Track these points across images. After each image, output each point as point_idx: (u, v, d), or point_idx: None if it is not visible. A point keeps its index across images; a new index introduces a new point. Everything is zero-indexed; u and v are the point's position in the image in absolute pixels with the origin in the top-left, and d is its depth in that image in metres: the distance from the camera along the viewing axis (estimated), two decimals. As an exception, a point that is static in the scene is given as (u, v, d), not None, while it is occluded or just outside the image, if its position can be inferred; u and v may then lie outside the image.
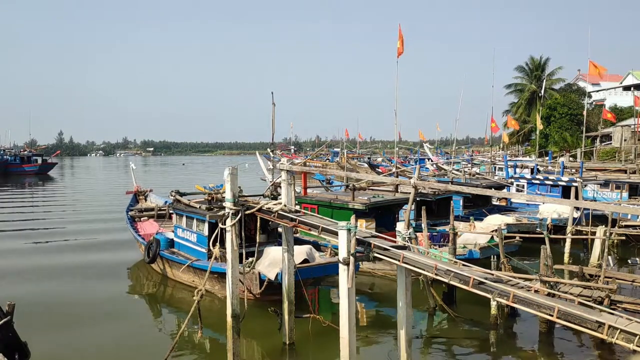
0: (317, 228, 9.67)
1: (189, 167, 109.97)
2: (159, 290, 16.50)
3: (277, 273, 12.69)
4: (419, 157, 47.26)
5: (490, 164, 42.40)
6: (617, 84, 63.32)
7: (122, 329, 12.86)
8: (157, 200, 23.70)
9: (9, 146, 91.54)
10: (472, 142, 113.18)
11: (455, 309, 13.14)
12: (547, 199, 15.91)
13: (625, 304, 11.18)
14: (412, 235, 13.08)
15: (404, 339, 8.77)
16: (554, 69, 65.90)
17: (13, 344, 7.32)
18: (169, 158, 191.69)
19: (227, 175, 10.39)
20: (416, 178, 14.59)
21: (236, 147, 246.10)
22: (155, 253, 16.12)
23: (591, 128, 49.67)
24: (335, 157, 66.22)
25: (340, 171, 33.51)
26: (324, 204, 17.86)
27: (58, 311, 14.02)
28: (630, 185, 26.05)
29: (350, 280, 8.37)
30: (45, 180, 69.60)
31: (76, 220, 30.42)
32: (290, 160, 27.11)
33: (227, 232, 10.46)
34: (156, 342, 11.83)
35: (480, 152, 67.07)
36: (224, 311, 10.55)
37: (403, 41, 21.41)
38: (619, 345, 6.59)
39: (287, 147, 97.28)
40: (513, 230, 17.81)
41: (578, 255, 19.43)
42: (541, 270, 12.17)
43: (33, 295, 15.01)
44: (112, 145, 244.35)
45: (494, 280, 7.96)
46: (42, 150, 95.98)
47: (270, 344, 11.57)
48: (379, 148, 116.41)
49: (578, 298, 8.55)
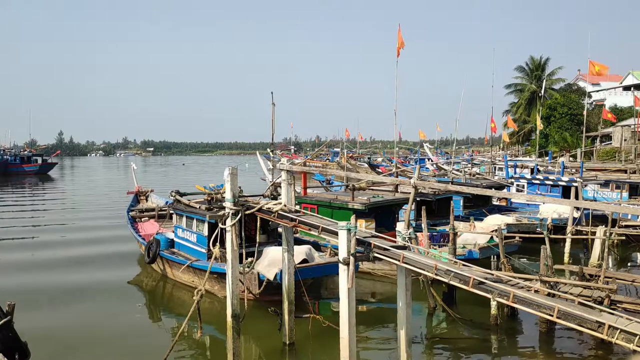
0: (317, 228, 9.67)
1: (189, 167, 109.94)
2: (159, 291, 16.50)
3: (275, 273, 12.68)
4: (419, 157, 47.25)
5: (490, 164, 42.38)
6: (617, 84, 63.34)
7: (122, 329, 12.85)
8: (158, 200, 23.71)
9: (9, 146, 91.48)
10: (472, 142, 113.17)
11: (455, 309, 13.13)
12: (547, 199, 15.92)
13: (625, 304, 11.17)
14: (412, 235, 13.08)
15: (404, 339, 8.77)
16: (554, 69, 66.02)
17: (13, 344, 7.31)
18: (169, 158, 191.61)
19: (227, 175, 10.40)
20: (416, 178, 14.57)
21: (236, 147, 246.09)
22: (155, 253, 16.12)
23: (591, 128, 49.68)
24: (335, 157, 66.17)
25: (340, 171, 33.44)
26: (324, 204, 17.86)
27: (57, 311, 14.04)
28: (630, 185, 26.04)
29: (350, 280, 8.37)
30: (45, 180, 69.58)
31: (76, 219, 30.45)
32: (290, 160, 27.12)
33: (227, 232, 10.46)
34: (156, 342, 11.82)
35: (480, 152, 67.08)
36: (224, 311, 10.55)
37: (403, 41, 21.43)
38: (619, 345, 6.59)
39: (287, 147, 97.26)
40: (513, 230, 17.81)
41: (578, 255, 19.43)
42: (541, 270, 12.16)
43: (33, 296, 15.02)
44: (112, 145, 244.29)
45: (494, 280, 7.96)
46: (42, 150, 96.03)
47: (270, 344, 11.57)
48: (379, 148, 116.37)
49: (578, 298, 8.55)
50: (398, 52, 21.42)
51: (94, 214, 32.92)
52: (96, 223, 29.09)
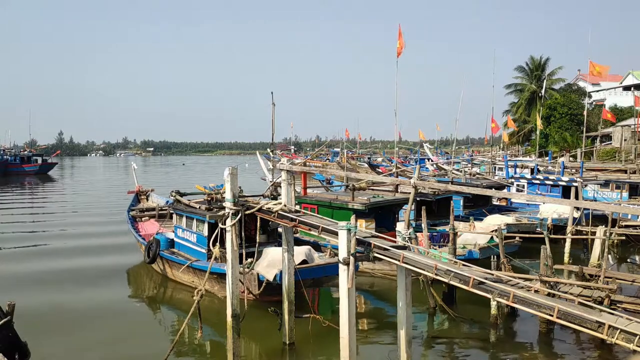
0: (317, 228, 9.67)
1: (189, 167, 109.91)
2: (159, 291, 16.50)
3: (275, 274, 12.67)
4: (419, 157, 47.27)
5: (490, 164, 42.40)
6: (617, 84, 63.30)
7: (122, 329, 12.85)
8: (158, 200, 23.69)
9: (9, 146, 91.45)
10: (472, 142, 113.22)
11: (455, 309, 13.13)
12: (547, 199, 15.93)
13: (625, 304, 11.18)
14: (412, 235, 13.08)
15: (404, 339, 8.77)
16: (554, 69, 65.93)
17: (13, 344, 7.32)
18: (169, 158, 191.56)
19: (227, 175, 10.39)
20: (416, 178, 14.58)
21: (236, 147, 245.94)
22: (155, 253, 16.11)
23: (591, 128, 49.65)
24: (335, 157, 66.17)
25: (340, 171, 33.45)
26: (324, 204, 17.86)
27: (57, 311, 14.02)
28: (630, 185, 26.05)
29: (350, 280, 8.37)
30: (45, 180, 69.57)
31: (76, 219, 30.45)
32: (290, 160, 27.10)
33: (227, 232, 10.46)
34: (156, 342, 11.82)
35: (480, 152, 67.09)
36: (224, 311, 10.55)
37: (403, 41, 21.42)
38: (619, 345, 6.59)
39: (287, 147, 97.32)
40: (513, 230, 17.80)
41: (578, 255, 19.43)
42: (541, 270, 12.17)
43: (33, 296, 15.02)
44: (112, 145, 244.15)
45: (494, 280, 7.96)
46: (42, 150, 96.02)
47: (270, 344, 11.57)
48: (379, 148, 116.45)
49: (578, 298, 8.55)
50: (399, 53, 21.40)
51: (94, 213, 32.93)
52: (97, 219, 29.13)
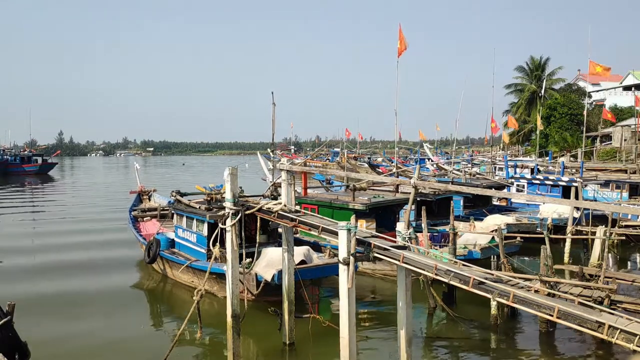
0: (317, 228, 9.68)
1: (189, 167, 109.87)
2: (159, 291, 16.50)
3: (273, 274, 12.65)
4: (419, 157, 47.24)
5: (490, 164, 42.37)
6: (617, 84, 63.27)
7: (122, 329, 12.86)
8: (160, 200, 23.68)
9: (9, 146, 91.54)
10: (472, 142, 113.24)
11: (455, 309, 13.14)
12: (547, 199, 15.93)
13: (625, 304, 11.18)
14: (412, 235, 13.07)
15: (404, 339, 8.77)
16: (554, 69, 66.02)
17: (13, 344, 7.32)
18: (169, 158, 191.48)
19: (227, 176, 10.40)
20: (416, 178, 14.53)
21: (236, 147, 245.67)
22: (155, 253, 16.11)
23: (591, 128, 49.64)
24: (335, 157, 66.20)
25: (340, 171, 33.43)
26: (324, 204, 17.85)
27: (58, 311, 14.02)
28: (630, 185, 26.04)
29: (350, 280, 8.38)
30: (45, 180, 69.56)
31: (76, 219, 30.45)
32: (290, 160, 27.11)
33: (227, 232, 10.46)
34: (156, 342, 11.82)
35: (481, 152, 67.08)
36: (224, 311, 10.55)
37: (403, 41, 21.38)
38: (619, 345, 6.59)
39: (287, 147, 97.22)
40: (513, 230, 17.80)
41: (578, 255, 19.41)
42: (541, 270, 12.17)
43: (33, 294, 15.02)
44: (112, 145, 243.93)
45: (494, 280, 7.96)
46: (42, 150, 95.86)
47: (270, 344, 11.58)
48: (379, 148, 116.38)
49: (578, 298, 8.55)
50: (399, 52, 21.35)
51: (95, 211, 32.94)
52: (98, 216, 29.09)
